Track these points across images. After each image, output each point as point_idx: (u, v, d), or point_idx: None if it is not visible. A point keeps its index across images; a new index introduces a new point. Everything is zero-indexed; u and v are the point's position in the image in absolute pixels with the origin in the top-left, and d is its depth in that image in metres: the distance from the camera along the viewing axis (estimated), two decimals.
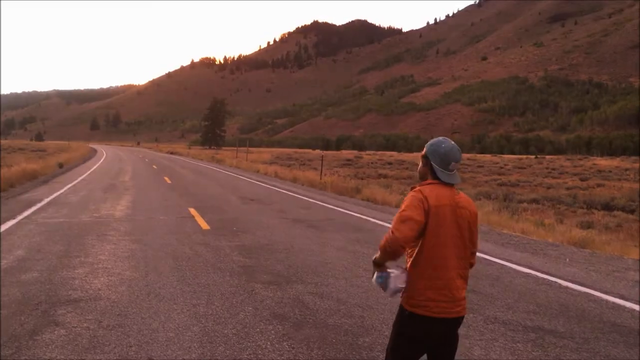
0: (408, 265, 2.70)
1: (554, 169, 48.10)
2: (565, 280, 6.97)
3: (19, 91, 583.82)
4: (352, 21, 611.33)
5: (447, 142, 2.72)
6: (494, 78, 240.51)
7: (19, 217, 10.90)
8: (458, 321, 2.70)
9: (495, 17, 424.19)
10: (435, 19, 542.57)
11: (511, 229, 11.34)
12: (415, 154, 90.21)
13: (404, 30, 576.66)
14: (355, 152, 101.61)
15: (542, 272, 7.38)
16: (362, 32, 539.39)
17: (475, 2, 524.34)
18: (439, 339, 2.68)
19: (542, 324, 5.10)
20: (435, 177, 2.71)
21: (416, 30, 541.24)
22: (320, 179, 23.76)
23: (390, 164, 53.04)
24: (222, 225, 10.73)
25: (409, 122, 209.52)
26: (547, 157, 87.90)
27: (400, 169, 44.66)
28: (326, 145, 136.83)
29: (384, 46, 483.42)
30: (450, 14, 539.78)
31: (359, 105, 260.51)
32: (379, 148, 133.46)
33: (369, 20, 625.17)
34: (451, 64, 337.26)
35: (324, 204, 15.52)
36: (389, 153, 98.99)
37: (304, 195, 18.04)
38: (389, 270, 2.68)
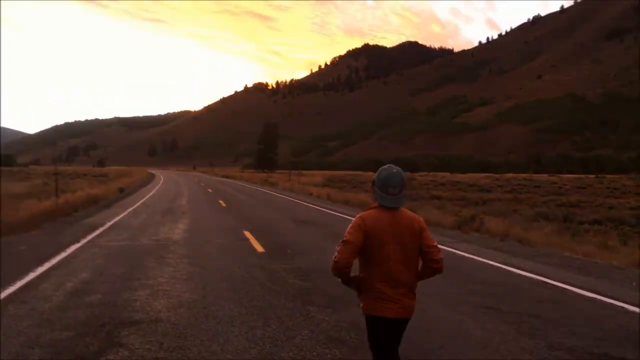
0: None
1: (615, 189, 46.28)
2: (632, 305, 6.67)
3: (82, 119, 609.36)
4: (403, 43, 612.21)
5: (389, 169, 3.17)
6: (550, 96, 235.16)
7: (83, 241, 11.33)
8: (404, 322, 3.18)
9: (549, 34, 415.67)
10: (488, 38, 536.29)
11: (573, 251, 10.96)
12: (469, 174, 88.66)
13: (456, 50, 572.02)
14: (408, 173, 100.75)
15: (608, 297, 7.08)
16: (413, 54, 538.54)
17: (528, 20, 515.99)
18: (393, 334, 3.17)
19: (609, 351, 4.89)
20: (380, 200, 3.12)
21: (468, 50, 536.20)
22: (373, 201, 23.65)
23: (443, 184, 52.35)
24: (276, 247, 10.83)
25: (461, 142, 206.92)
26: (608, 176, 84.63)
27: (454, 190, 43.98)
28: (378, 167, 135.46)
29: (435, 67, 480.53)
30: (503, 33, 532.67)
31: (411, 126, 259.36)
32: (431, 169, 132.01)
33: (420, 42, 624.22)
34: (505, 82, 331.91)
35: None
36: (441, 174, 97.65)
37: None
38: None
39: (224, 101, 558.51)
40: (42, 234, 12.68)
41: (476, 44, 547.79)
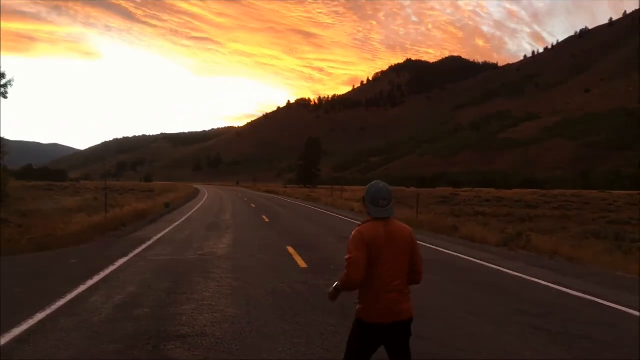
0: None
1: None
2: None
3: (130, 136, 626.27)
4: (446, 58, 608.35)
5: (376, 184, 3.49)
6: (599, 110, 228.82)
7: (131, 255, 11.59)
8: (403, 325, 3.38)
9: (598, 48, 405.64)
10: (534, 52, 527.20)
11: (625, 270, 10.57)
12: (514, 190, 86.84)
13: (500, 64, 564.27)
14: (451, 189, 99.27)
15: None
16: (456, 69, 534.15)
17: (576, 33, 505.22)
18: (388, 339, 3.39)
19: None
20: (371, 213, 3.40)
21: (513, 64, 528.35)
22: (416, 217, 23.45)
23: (488, 201, 51.39)
24: (319, 263, 10.83)
25: (506, 158, 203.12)
26: None
27: (499, 206, 43.11)
28: (421, 183, 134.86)
29: (479, 81, 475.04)
30: (549, 47, 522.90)
31: (454, 141, 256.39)
32: (475, 185, 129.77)
33: (463, 56, 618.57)
34: (552, 97, 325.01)
35: (420, 243, 15.20)
36: (486, 190, 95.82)
37: None
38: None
39: (267, 117, 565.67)
40: (92, 248, 13.04)
41: (522, 57, 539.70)
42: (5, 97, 22.00)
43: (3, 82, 21.89)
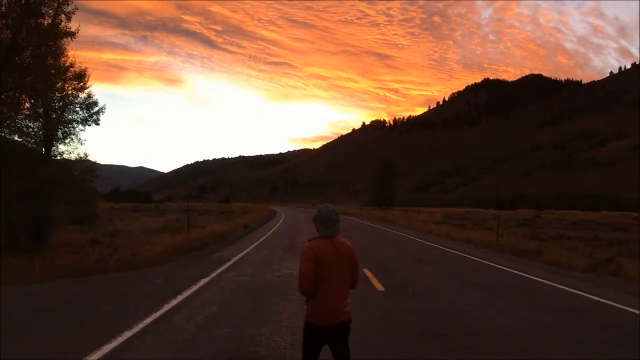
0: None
1: None
2: None
3: (210, 158, 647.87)
4: (525, 76, 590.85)
5: (326, 208, 4.17)
6: None
7: (212, 275, 11.93)
8: (345, 325, 4.04)
9: None
10: (620, 68, 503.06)
11: None
12: (602, 213, 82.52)
13: (584, 81, 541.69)
14: (533, 211, 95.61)
15: None
16: (537, 87, 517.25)
17: None
18: (332, 337, 4.02)
19: None
20: (320, 232, 4.04)
21: (598, 81, 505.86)
22: (496, 240, 22.75)
23: (573, 223, 49.07)
24: (396, 287, 10.72)
25: (591, 178, 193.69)
26: None
27: (585, 229, 41.06)
28: (500, 204, 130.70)
29: (561, 99, 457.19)
30: (638, 62, 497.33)
31: (535, 161, 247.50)
32: (558, 207, 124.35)
33: (544, 74, 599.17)
34: None
35: (501, 267, 14.78)
36: (571, 212, 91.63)
37: (479, 258, 17.37)
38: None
39: (341, 139, 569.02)
40: (175, 268, 13.52)
41: (607, 74, 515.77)
42: (98, 124, 23.30)
43: (95, 109, 23.19)
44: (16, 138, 20.27)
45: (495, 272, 13.90)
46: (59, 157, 22.48)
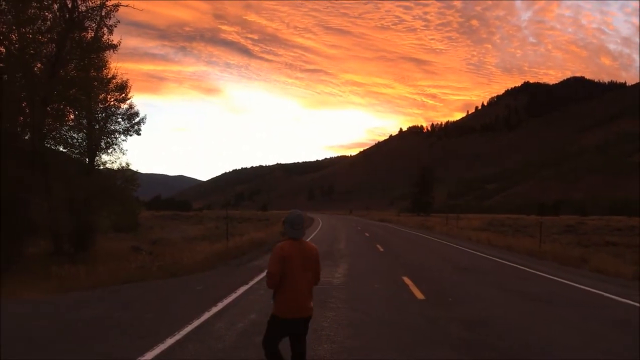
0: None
1: None
2: None
3: (248, 166, 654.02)
4: (567, 79, 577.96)
5: (294, 212, 4.64)
6: None
7: (251, 283, 11.99)
8: (306, 320, 4.61)
9: None
10: None
11: None
12: None
13: (629, 83, 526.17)
14: (577, 217, 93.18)
15: None
16: (579, 89, 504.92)
17: None
18: (294, 330, 4.60)
19: None
20: (288, 234, 4.58)
21: None
22: (539, 246, 22.24)
23: (619, 230, 47.58)
24: (437, 295, 10.56)
25: (637, 183, 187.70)
26: None
27: (633, 235, 39.76)
28: (541, 210, 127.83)
29: (605, 102, 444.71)
30: None
31: (578, 166, 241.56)
32: (603, 212, 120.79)
33: (587, 77, 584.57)
34: None
35: (545, 275, 14.42)
36: (616, 218, 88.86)
37: (521, 265, 16.99)
38: None
39: (378, 145, 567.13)
40: (215, 275, 13.66)
41: None
42: (139, 134, 23.83)
43: (136, 120, 23.73)
44: (61, 149, 20.89)
45: (540, 280, 13.57)
46: (102, 167, 23.05)
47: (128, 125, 23.70)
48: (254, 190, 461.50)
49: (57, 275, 12.96)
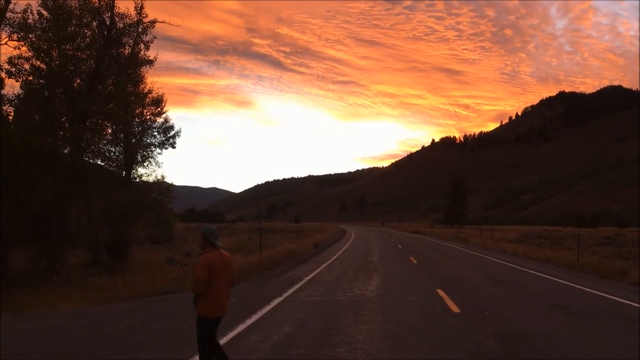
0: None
1: None
2: None
3: (280, 178, 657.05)
4: (604, 88, 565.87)
5: (210, 227, 5.46)
6: None
7: (285, 295, 12.02)
8: (222, 317, 5.36)
9: None
10: None
11: None
12: None
13: None
14: (616, 229, 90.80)
15: None
16: (617, 98, 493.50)
17: None
18: (216, 327, 5.35)
19: None
20: (210, 245, 5.29)
21: None
22: (577, 259, 21.74)
23: None
24: (472, 308, 10.40)
25: None
26: None
27: None
28: (579, 222, 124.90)
29: None
30: None
31: (616, 177, 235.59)
32: None
33: (624, 85, 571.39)
34: None
35: (584, 288, 14.07)
36: None
37: (559, 278, 16.62)
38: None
39: (411, 157, 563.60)
40: (249, 287, 13.74)
41: None
42: (174, 147, 24.28)
43: (172, 133, 24.18)
44: (99, 162, 21.42)
45: (579, 293, 13.25)
46: (138, 180, 23.52)
47: (163, 138, 24.20)
48: (287, 202, 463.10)
49: (95, 286, 13.23)
